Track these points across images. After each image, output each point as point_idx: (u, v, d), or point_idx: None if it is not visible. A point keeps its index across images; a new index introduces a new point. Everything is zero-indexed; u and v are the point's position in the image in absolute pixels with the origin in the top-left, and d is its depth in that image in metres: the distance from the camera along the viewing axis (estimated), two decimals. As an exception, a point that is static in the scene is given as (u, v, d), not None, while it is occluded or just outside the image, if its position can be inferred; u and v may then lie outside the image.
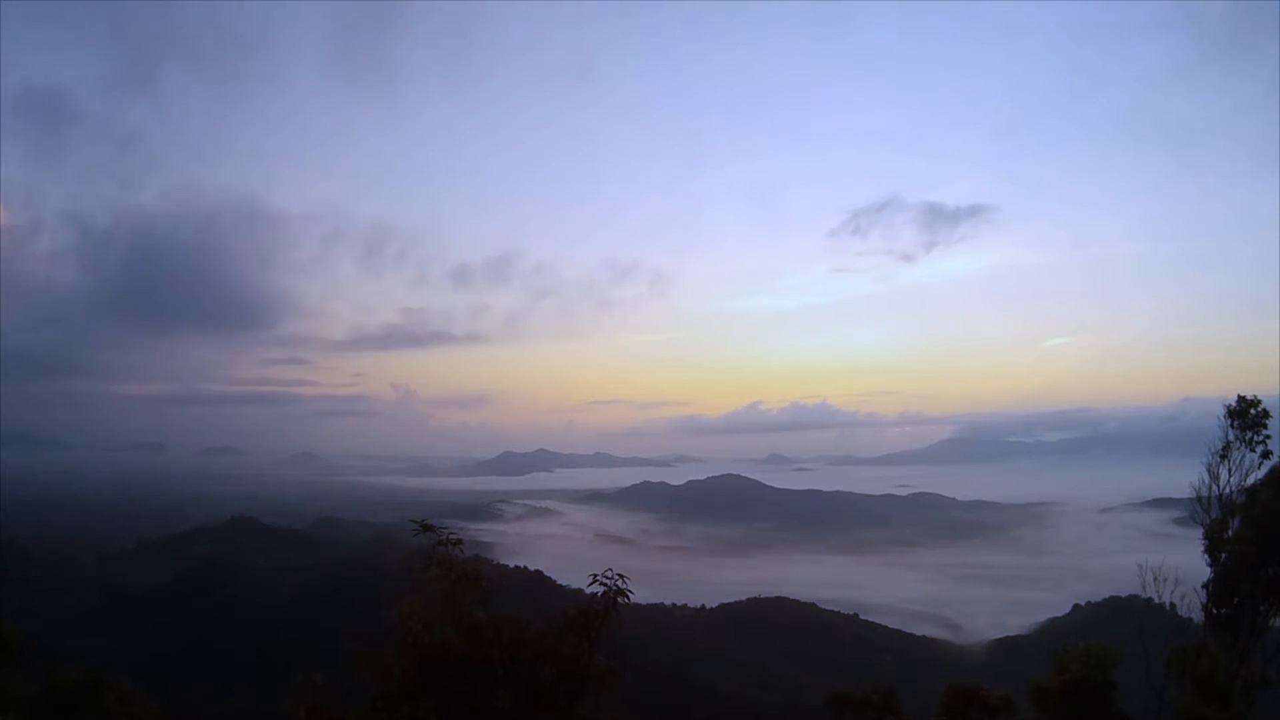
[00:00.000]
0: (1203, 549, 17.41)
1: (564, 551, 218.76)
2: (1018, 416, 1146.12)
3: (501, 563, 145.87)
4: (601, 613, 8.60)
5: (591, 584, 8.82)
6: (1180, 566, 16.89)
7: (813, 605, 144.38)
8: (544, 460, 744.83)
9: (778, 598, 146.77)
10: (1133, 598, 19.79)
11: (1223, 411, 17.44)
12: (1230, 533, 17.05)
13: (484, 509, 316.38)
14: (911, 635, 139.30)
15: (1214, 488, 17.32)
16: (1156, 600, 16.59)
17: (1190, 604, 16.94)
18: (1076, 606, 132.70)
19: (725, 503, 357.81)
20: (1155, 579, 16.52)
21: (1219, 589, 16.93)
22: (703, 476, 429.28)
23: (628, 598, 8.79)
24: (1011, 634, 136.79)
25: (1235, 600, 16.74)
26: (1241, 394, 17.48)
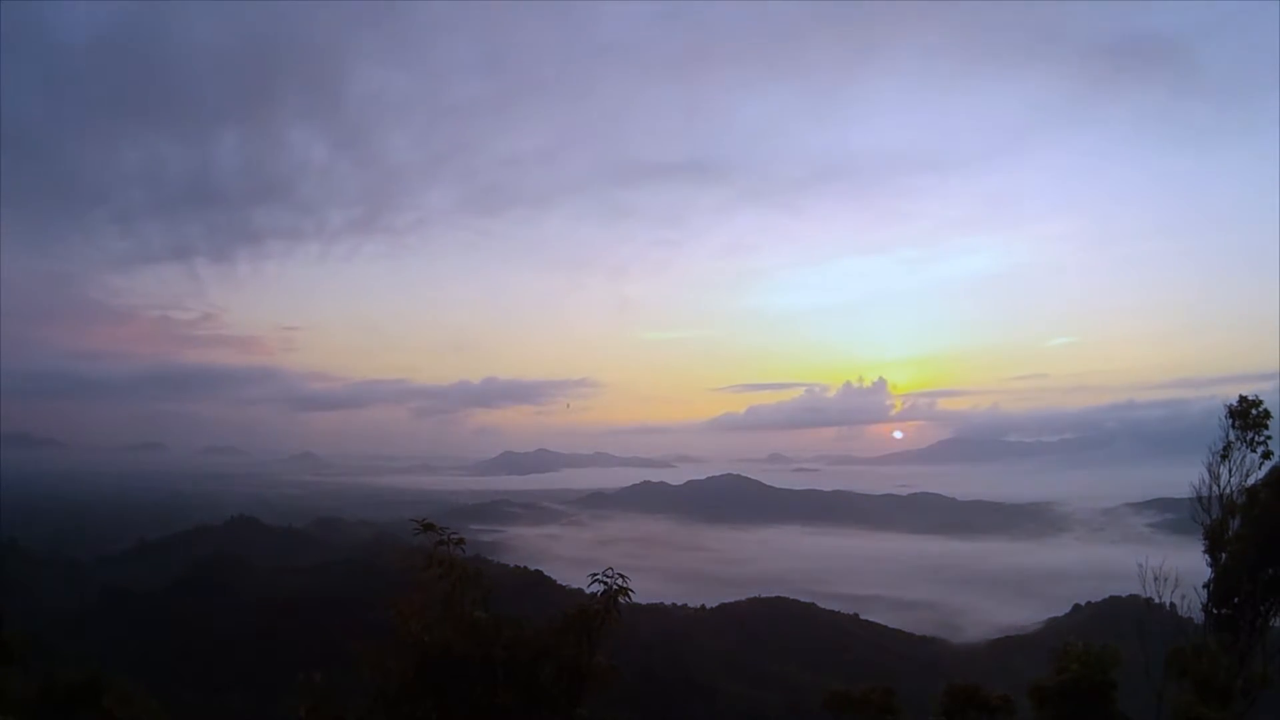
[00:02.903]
0: (1203, 549, 17.41)
1: (564, 551, 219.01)
2: (1018, 416, 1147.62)
3: (502, 563, 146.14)
4: (601, 612, 8.59)
5: (591, 583, 8.81)
6: (1180, 566, 16.88)
7: (813, 605, 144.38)
8: (545, 460, 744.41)
9: (778, 598, 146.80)
10: (1133, 598, 19.76)
11: (1224, 412, 17.45)
12: (1230, 533, 17.06)
13: (484, 509, 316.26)
14: (911, 635, 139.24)
15: (1214, 488, 17.31)
16: (1156, 600, 16.57)
17: (1190, 604, 16.93)
18: (1076, 606, 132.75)
19: (725, 502, 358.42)
20: (1155, 579, 16.52)
21: (1219, 589, 16.93)
22: (703, 476, 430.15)
23: (628, 597, 8.79)
24: (1011, 634, 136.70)
25: (1235, 600, 16.75)
26: (1243, 394, 17.50)
